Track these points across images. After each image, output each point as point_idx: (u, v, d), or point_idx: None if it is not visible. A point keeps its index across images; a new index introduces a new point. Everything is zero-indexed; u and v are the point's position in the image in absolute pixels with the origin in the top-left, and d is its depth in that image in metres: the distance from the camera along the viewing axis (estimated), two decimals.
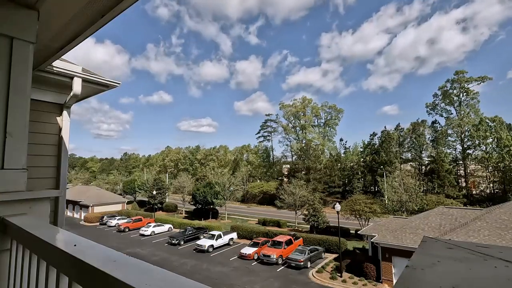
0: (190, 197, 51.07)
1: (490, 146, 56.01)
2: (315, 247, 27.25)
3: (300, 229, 39.63)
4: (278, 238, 28.22)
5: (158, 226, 39.11)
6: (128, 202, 60.71)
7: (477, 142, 57.07)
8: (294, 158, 77.28)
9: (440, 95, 64.24)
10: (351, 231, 34.55)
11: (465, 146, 60.34)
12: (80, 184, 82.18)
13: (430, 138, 64.62)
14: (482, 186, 58.90)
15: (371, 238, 23.61)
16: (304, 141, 73.62)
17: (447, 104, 63.44)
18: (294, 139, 79.07)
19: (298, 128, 77.99)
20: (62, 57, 3.35)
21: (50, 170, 4.09)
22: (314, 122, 78.40)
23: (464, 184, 60.14)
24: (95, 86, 4.34)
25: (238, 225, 38.08)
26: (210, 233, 32.45)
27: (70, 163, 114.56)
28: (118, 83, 4.48)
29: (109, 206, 53.49)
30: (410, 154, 65.44)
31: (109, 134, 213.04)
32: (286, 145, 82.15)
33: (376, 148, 65.54)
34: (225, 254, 28.63)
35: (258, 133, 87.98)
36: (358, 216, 34.15)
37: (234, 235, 33.32)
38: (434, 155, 59.78)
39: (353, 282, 21.32)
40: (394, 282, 9.67)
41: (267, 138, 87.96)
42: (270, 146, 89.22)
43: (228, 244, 31.64)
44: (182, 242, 32.35)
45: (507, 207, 20.35)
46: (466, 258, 1.05)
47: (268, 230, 34.76)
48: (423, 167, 62.98)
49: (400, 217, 31.19)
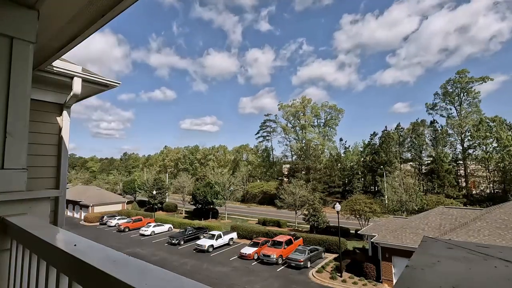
0: (190, 197, 51.07)
1: (490, 146, 56.02)
2: (315, 247, 27.25)
3: (300, 229, 39.63)
4: (278, 238, 28.23)
5: (158, 226, 39.11)
6: (128, 202, 60.70)
7: (477, 142, 57.07)
8: (294, 158, 77.28)
9: (441, 95, 64.29)
10: (351, 231, 34.54)
11: (465, 146, 60.35)
12: (80, 184, 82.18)
13: (430, 138, 64.66)
14: (482, 186, 58.85)
15: (371, 238, 23.61)
16: (304, 141, 73.61)
17: (448, 103, 63.45)
18: (294, 139, 79.11)
19: (298, 128, 77.99)
20: (62, 57, 3.35)
21: (50, 170, 4.09)
22: (314, 122, 78.39)
23: (464, 184, 60.12)
24: (95, 86, 4.34)
25: (238, 225, 38.08)
26: (210, 233, 32.46)
27: (70, 163, 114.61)
28: (118, 83, 4.49)
29: (109, 206, 53.49)
30: (410, 154, 65.44)
31: (109, 133, 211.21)
32: (286, 145, 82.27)
33: (376, 148, 65.54)
34: (225, 254, 28.63)
35: (258, 133, 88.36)
36: (358, 216, 34.15)
37: (234, 235, 33.32)
38: (434, 155, 59.77)
39: (353, 282, 21.32)
40: (394, 282, 9.69)
41: (267, 138, 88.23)
42: (269, 146, 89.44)
43: (228, 244, 31.64)
44: (182, 242, 32.35)
45: (507, 207, 20.35)
46: (466, 258, 1.05)
47: (268, 230, 34.76)
48: (423, 167, 62.98)
49: (400, 217, 31.23)
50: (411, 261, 1.03)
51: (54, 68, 3.68)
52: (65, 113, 4.28)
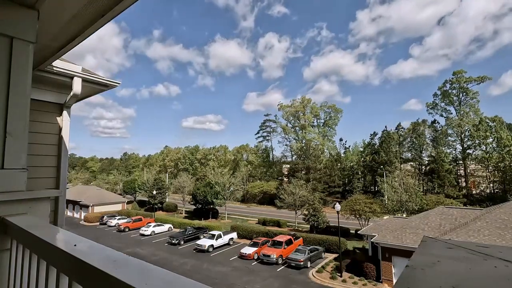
0: (190, 197, 51.08)
1: (490, 146, 56.03)
2: (315, 247, 27.25)
3: (300, 229, 39.62)
4: (278, 238, 28.22)
5: (158, 226, 39.10)
6: (128, 202, 60.71)
7: (477, 142, 57.08)
8: (294, 158, 77.29)
9: (439, 95, 64.32)
10: (351, 231, 34.54)
11: (465, 146, 60.35)
12: (80, 184, 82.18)
13: (430, 138, 64.67)
14: (482, 186, 58.88)
15: (371, 238, 23.61)
16: (303, 141, 73.61)
17: (448, 103, 63.48)
18: (294, 139, 79.12)
19: (297, 128, 78.02)
20: (62, 57, 3.35)
21: (50, 170, 4.09)
22: (313, 122, 78.44)
23: (464, 184, 60.14)
24: (95, 86, 4.35)
25: (238, 225, 38.08)
26: (210, 233, 32.46)
27: (70, 163, 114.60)
28: (118, 83, 4.49)
29: (109, 206, 53.49)
30: (410, 154, 65.46)
31: (110, 132, 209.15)
32: (286, 145, 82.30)
33: (376, 148, 65.56)
34: (225, 254, 28.63)
35: (258, 133, 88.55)
36: (358, 216, 34.15)
37: (234, 235, 33.32)
38: (434, 155, 59.78)
39: (353, 282, 21.32)
40: (394, 282, 9.69)
41: (267, 138, 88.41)
42: (269, 146, 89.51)
43: (228, 244, 31.63)
44: (182, 242, 32.35)
45: (507, 207, 20.35)
46: (466, 258, 1.05)
47: (268, 230, 34.76)
48: (423, 167, 63.00)
49: (400, 217, 31.20)
50: (411, 261, 1.04)
51: (54, 68, 3.68)
52: (65, 113, 4.28)
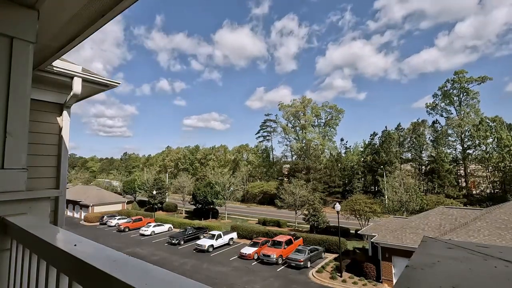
0: (190, 197, 51.08)
1: (490, 146, 56.02)
2: (315, 247, 27.25)
3: (300, 229, 39.61)
4: (278, 238, 28.22)
5: (158, 226, 39.10)
6: (128, 202, 60.72)
7: (477, 142, 57.08)
8: (294, 158, 77.29)
9: (440, 95, 64.32)
10: (351, 231, 34.53)
11: (465, 146, 60.35)
12: (80, 184, 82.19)
13: (431, 138, 64.68)
14: (482, 186, 58.87)
15: (371, 238, 23.61)
16: (304, 141, 73.60)
17: (448, 104, 63.48)
18: (294, 139, 79.11)
19: (298, 128, 78.01)
20: (62, 57, 3.35)
21: (50, 170, 4.09)
22: (314, 122, 78.42)
23: (464, 184, 60.12)
24: (95, 86, 4.35)
25: (238, 225, 38.08)
26: (210, 233, 32.46)
27: (70, 163, 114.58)
28: (118, 83, 4.49)
29: (109, 206, 53.49)
30: (410, 154, 65.45)
31: (110, 130, 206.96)
32: (286, 145, 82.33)
33: (376, 148, 65.57)
34: (225, 254, 28.63)
35: (258, 133, 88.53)
36: (358, 216, 34.14)
37: (234, 235, 33.32)
38: (434, 155, 59.78)
39: (353, 282, 21.32)
40: (394, 282, 9.68)
41: (267, 138, 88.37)
42: (270, 146, 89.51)
43: (228, 244, 31.64)
44: (182, 242, 32.35)
45: (507, 207, 20.35)
46: (466, 258, 1.05)
47: (268, 230, 34.75)
48: (423, 167, 62.99)
49: (400, 217, 31.19)
50: (411, 261, 1.03)
51: (54, 68, 3.68)
52: (65, 113, 4.28)
